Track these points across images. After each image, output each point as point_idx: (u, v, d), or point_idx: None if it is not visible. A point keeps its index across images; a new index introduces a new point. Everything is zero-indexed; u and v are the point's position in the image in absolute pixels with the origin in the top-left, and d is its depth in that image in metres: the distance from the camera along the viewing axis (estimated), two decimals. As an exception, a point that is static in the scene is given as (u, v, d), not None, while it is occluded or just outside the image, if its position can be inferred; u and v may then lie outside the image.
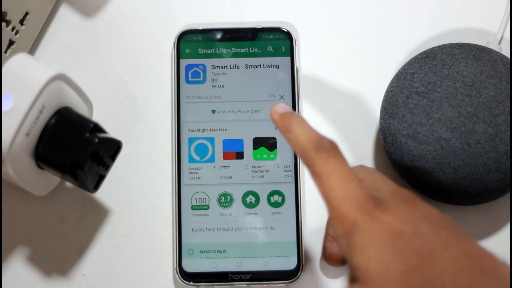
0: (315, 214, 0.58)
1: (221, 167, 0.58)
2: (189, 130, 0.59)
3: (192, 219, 0.58)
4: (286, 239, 0.57)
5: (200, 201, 0.58)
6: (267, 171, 0.58)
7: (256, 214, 0.58)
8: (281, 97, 0.59)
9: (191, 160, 0.58)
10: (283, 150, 0.58)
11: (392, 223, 0.44)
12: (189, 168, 0.58)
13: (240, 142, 0.59)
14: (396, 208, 0.45)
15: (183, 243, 0.57)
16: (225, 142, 0.59)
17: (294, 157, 0.58)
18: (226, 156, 0.58)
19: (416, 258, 0.43)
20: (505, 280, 0.44)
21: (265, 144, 0.59)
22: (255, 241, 0.57)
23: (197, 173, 0.58)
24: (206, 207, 0.58)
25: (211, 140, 0.59)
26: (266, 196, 0.58)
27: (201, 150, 0.59)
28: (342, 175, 0.45)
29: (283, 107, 0.49)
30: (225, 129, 0.59)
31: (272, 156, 0.58)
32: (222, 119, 0.59)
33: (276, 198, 0.58)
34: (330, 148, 0.46)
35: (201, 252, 0.57)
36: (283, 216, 0.58)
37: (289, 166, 0.58)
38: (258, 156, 0.58)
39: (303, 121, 0.48)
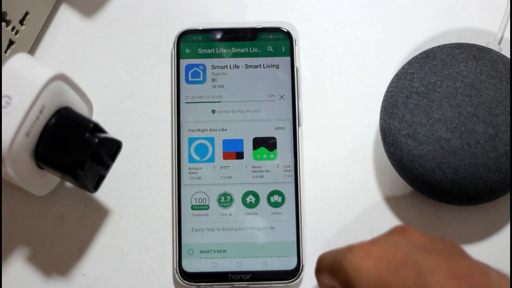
0: (315, 214, 0.58)
1: (221, 167, 0.58)
2: (189, 130, 0.59)
3: (192, 219, 0.58)
4: (286, 239, 0.57)
5: (200, 201, 0.58)
6: (267, 171, 0.58)
7: (256, 214, 0.58)
8: (281, 97, 0.59)
9: (191, 160, 0.58)
10: (283, 150, 0.58)
11: (381, 254, 0.46)
12: (189, 168, 0.58)
13: (240, 142, 0.59)
14: (386, 241, 0.47)
15: (183, 243, 0.57)
16: (225, 142, 0.59)
17: (294, 157, 0.58)
18: (226, 156, 0.58)
19: (404, 286, 0.45)
20: None
21: (265, 144, 0.59)
22: (255, 241, 0.57)
23: (197, 173, 0.58)
24: (206, 207, 0.58)
25: (211, 140, 0.59)
26: (266, 196, 0.58)
27: (201, 150, 0.59)
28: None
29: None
30: (225, 129, 0.59)
31: (272, 156, 0.58)
32: (222, 119, 0.59)
33: (276, 198, 0.58)
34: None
35: (201, 252, 0.57)
36: (283, 216, 0.58)
37: (289, 166, 0.58)
38: (258, 156, 0.58)
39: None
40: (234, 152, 0.58)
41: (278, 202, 0.58)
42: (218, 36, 0.60)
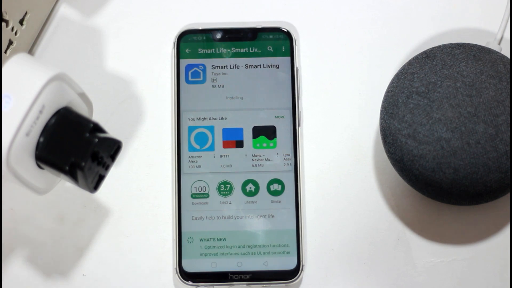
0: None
1: (221, 156, 0.58)
2: (189, 119, 0.59)
3: (192, 207, 0.58)
4: (285, 228, 0.57)
5: (200, 190, 0.58)
6: (267, 159, 0.58)
7: (255, 202, 0.58)
8: (281, 97, 0.59)
9: (191, 148, 0.58)
10: (283, 138, 0.58)
11: None
12: (189, 157, 0.58)
13: (240, 130, 0.59)
14: None
15: (183, 231, 0.57)
16: (225, 131, 0.59)
17: (294, 145, 0.58)
18: (226, 144, 0.59)
19: None
20: None
21: (265, 132, 0.59)
22: (255, 229, 0.57)
23: (197, 161, 0.58)
24: (206, 196, 0.58)
25: (211, 128, 0.59)
26: (265, 185, 0.58)
27: (201, 139, 0.59)
28: None
29: None
30: (225, 118, 0.59)
31: (271, 144, 0.59)
32: (222, 108, 0.59)
33: (275, 186, 0.58)
34: None
35: (201, 240, 0.57)
36: (283, 205, 0.58)
37: (289, 155, 0.58)
38: (258, 145, 0.59)
39: None
40: (234, 140, 0.59)
41: (278, 190, 0.58)
42: (218, 36, 0.60)
